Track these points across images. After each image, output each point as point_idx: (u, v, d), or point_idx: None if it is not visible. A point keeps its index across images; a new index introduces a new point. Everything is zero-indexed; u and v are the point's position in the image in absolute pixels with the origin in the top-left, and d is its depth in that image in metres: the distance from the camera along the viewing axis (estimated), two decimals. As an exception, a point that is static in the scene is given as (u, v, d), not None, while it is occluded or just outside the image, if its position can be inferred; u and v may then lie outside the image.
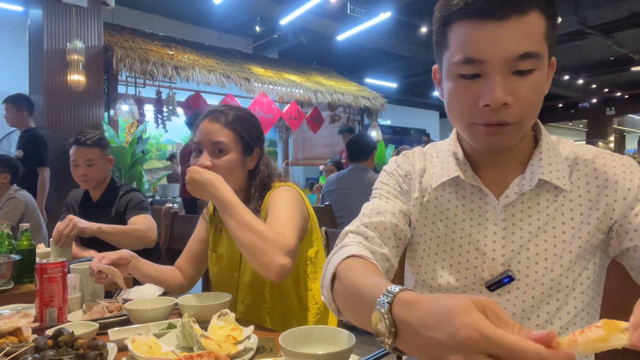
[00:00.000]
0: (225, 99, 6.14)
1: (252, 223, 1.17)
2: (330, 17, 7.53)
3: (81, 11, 5.05)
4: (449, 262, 0.85)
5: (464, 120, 0.77)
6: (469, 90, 0.73)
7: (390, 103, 9.69)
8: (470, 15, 0.70)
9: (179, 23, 8.50)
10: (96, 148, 2.21)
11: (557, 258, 0.79)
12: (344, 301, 0.73)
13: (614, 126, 16.06)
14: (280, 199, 1.30)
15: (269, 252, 1.12)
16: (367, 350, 0.90)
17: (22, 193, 2.92)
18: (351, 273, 0.72)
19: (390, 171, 0.96)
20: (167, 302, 1.20)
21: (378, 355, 0.83)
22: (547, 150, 0.81)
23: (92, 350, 0.83)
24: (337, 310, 0.76)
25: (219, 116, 1.35)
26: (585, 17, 8.07)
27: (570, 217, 0.80)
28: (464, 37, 0.71)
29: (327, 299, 0.78)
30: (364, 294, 0.64)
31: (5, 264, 1.51)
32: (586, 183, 0.80)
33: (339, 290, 0.74)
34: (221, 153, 1.32)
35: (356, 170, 3.44)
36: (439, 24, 0.77)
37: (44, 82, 4.86)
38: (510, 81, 0.70)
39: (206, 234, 1.51)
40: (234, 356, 0.87)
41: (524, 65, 0.70)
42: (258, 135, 1.41)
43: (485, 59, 0.70)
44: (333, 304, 0.76)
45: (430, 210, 0.89)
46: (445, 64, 0.77)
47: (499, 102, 0.70)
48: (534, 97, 0.73)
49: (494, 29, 0.69)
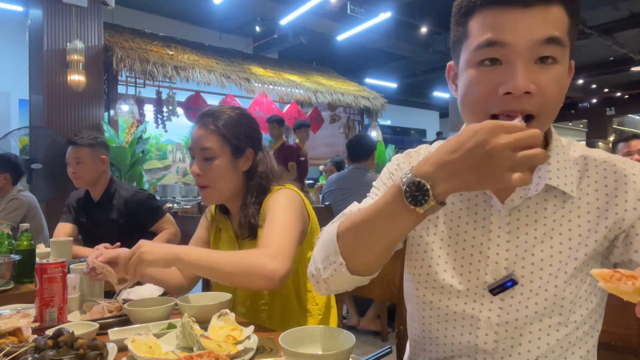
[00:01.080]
0: (225, 99, 6.14)
1: (227, 255, 1.19)
2: (330, 17, 7.52)
3: (81, 11, 5.04)
4: (452, 264, 0.84)
5: (481, 112, 0.73)
6: (488, 79, 0.71)
7: (390, 103, 9.68)
8: (495, 3, 0.69)
9: (179, 23, 8.50)
10: (86, 147, 2.26)
11: (562, 265, 0.77)
12: (361, 236, 0.75)
13: (614, 126, 16.05)
14: (277, 204, 1.29)
15: (256, 264, 1.12)
16: (367, 350, 0.90)
17: (25, 194, 2.92)
18: (355, 215, 0.76)
19: (391, 171, 0.94)
20: (167, 302, 1.19)
21: (378, 355, 0.83)
22: (556, 155, 0.79)
23: (92, 350, 0.83)
24: (347, 269, 0.76)
25: (206, 122, 1.35)
26: (585, 17, 8.06)
27: (577, 225, 0.78)
28: (487, 21, 0.70)
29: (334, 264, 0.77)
30: (380, 207, 0.70)
31: (5, 264, 1.51)
32: (595, 190, 0.78)
33: (349, 236, 0.76)
34: (210, 159, 1.33)
35: (356, 171, 3.44)
36: (458, 16, 0.76)
37: (44, 82, 4.86)
38: (532, 70, 0.69)
39: (207, 234, 1.51)
40: (234, 356, 0.87)
41: (548, 51, 0.68)
42: (250, 136, 1.38)
43: (508, 42, 0.68)
44: (343, 261, 0.76)
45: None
46: (464, 54, 0.75)
47: (521, 90, 0.67)
48: (556, 92, 0.71)
49: (518, 15, 0.68)
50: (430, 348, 0.89)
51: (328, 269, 0.79)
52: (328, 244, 0.79)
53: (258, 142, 1.42)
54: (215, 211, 1.50)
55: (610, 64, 11.76)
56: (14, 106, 6.94)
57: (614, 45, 9.61)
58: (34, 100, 5.31)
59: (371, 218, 0.72)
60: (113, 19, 6.01)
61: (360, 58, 10.44)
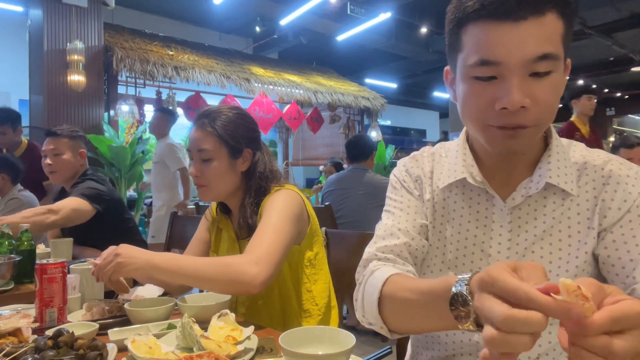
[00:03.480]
0: (225, 99, 6.14)
1: (207, 261, 1.18)
2: (330, 17, 7.52)
3: (81, 11, 5.04)
4: (454, 262, 0.85)
5: (479, 123, 0.75)
6: (484, 93, 0.71)
7: (390, 103, 9.69)
8: (486, 17, 0.68)
9: (179, 23, 8.50)
10: (64, 138, 2.13)
11: (562, 263, 0.78)
12: (402, 314, 0.73)
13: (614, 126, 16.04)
14: (274, 206, 1.28)
15: (236, 271, 1.11)
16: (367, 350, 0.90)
17: (25, 193, 2.88)
18: (403, 286, 0.72)
19: (402, 178, 0.94)
20: (167, 302, 1.19)
21: (378, 356, 0.83)
22: (556, 154, 0.80)
23: (92, 350, 0.83)
24: (389, 332, 0.77)
25: (203, 123, 1.34)
26: (585, 17, 8.06)
27: (576, 222, 0.79)
28: (480, 38, 0.70)
29: (376, 324, 0.77)
30: (431, 291, 0.64)
31: (5, 265, 1.51)
32: (593, 189, 0.79)
33: (391, 308, 0.74)
34: (207, 161, 1.33)
35: (355, 171, 3.44)
36: (452, 26, 0.75)
37: (44, 82, 4.86)
38: (527, 83, 0.69)
39: (208, 234, 1.51)
40: (234, 356, 0.87)
41: (541, 67, 0.68)
42: (247, 136, 1.38)
43: (501, 61, 0.68)
44: (385, 327, 0.76)
45: (438, 211, 0.88)
46: (459, 66, 0.75)
47: (516, 105, 0.68)
48: (552, 99, 0.71)
49: (511, 30, 0.67)
50: (432, 346, 0.89)
51: (369, 321, 0.79)
52: (369, 302, 0.78)
53: (256, 142, 1.41)
54: (217, 211, 1.50)
55: (610, 64, 11.76)
56: (14, 106, 6.89)
57: (614, 46, 9.61)
58: (34, 100, 5.31)
59: (422, 297, 0.67)
60: (113, 19, 6.01)
61: (360, 58, 10.44)
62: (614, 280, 0.76)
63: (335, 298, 1.45)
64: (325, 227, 1.66)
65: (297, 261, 1.34)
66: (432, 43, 9.32)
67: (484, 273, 0.49)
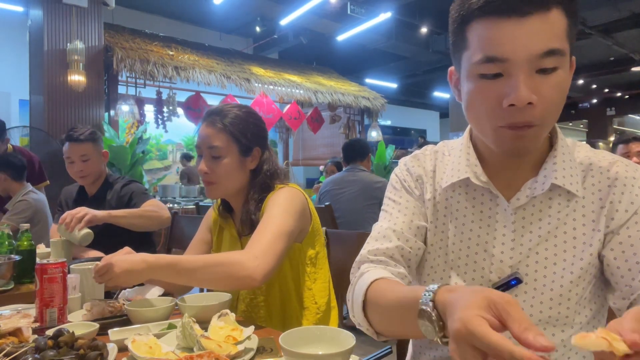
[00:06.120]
0: (226, 99, 6.14)
1: (205, 257, 1.16)
2: (330, 17, 7.53)
3: (81, 11, 5.05)
4: (457, 262, 0.84)
5: (489, 124, 0.74)
6: (491, 91, 0.71)
7: (391, 103, 9.69)
8: (491, 13, 0.68)
9: (179, 23, 8.50)
10: (89, 143, 2.17)
11: (567, 264, 0.77)
12: (383, 320, 0.74)
13: (614, 126, 16.05)
14: (276, 203, 1.29)
15: (235, 266, 1.11)
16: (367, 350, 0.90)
17: (34, 196, 2.81)
18: (382, 293, 0.73)
19: (403, 177, 0.93)
20: (167, 302, 1.19)
21: (378, 356, 0.83)
22: (561, 155, 0.79)
23: (92, 350, 0.83)
24: (375, 333, 0.77)
25: (214, 120, 1.34)
26: (585, 17, 8.06)
27: (581, 223, 0.78)
28: (485, 35, 0.69)
29: (363, 326, 0.79)
30: (403, 303, 0.65)
31: (5, 265, 1.51)
32: (599, 190, 0.79)
33: (374, 313, 0.75)
34: (218, 158, 1.32)
35: (350, 171, 3.47)
36: (456, 24, 0.74)
37: (44, 82, 4.86)
38: (534, 80, 0.68)
39: (209, 235, 1.51)
40: (234, 356, 0.87)
41: (547, 63, 0.68)
42: (257, 134, 1.39)
43: (508, 58, 0.68)
44: (371, 329, 0.77)
45: (441, 210, 0.88)
46: (464, 64, 0.74)
47: (524, 101, 0.67)
48: (558, 97, 0.71)
49: (516, 27, 0.67)
50: (435, 346, 0.89)
51: (358, 321, 0.80)
52: (357, 305, 0.78)
53: (265, 141, 1.42)
54: (218, 211, 1.50)
55: (611, 64, 11.76)
56: (14, 106, 6.95)
57: (614, 45, 9.62)
58: (34, 100, 5.32)
59: (397, 305, 0.68)
60: (113, 19, 6.01)
61: (360, 58, 10.44)
62: (617, 283, 0.76)
63: (335, 298, 1.45)
64: (325, 227, 1.66)
65: (298, 259, 1.34)
66: (432, 43, 9.32)
67: (459, 323, 0.48)
